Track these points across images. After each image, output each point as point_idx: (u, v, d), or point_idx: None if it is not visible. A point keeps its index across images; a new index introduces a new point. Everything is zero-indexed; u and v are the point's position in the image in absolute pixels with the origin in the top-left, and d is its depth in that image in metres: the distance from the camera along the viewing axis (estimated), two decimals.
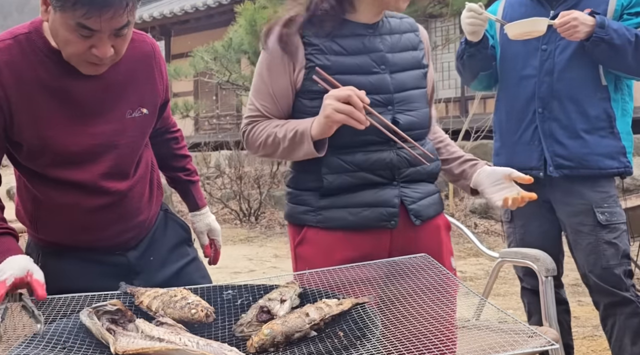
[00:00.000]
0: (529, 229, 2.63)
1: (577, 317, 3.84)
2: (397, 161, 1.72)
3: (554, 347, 1.98)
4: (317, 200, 1.72)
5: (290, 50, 1.69)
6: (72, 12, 1.39)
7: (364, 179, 1.70)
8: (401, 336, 1.21)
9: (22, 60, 1.53)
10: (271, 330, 1.31)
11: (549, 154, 2.51)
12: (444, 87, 10.80)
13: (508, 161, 2.59)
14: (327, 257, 1.70)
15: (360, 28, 1.73)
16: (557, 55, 2.49)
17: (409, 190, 1.74)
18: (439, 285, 1.46)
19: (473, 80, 2.75)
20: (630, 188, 6.56)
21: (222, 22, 11.10)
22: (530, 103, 2.54)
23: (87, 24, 1.41)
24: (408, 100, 1.75)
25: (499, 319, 2.36)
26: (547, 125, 2.51)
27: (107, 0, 1.38)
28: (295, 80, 1.71)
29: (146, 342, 1.25)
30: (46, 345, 1.29)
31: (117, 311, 1.38)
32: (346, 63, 1.69)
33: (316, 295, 1.50)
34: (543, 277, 2.32)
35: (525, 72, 2.55)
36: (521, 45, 2.52)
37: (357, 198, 1.70)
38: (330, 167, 1.69)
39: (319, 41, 1.69)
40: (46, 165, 1.62)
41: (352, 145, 1.69)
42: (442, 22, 9.88)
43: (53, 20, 1.45)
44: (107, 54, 1.48)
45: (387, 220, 1.71)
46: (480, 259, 5.74)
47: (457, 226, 2.79)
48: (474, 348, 1.25)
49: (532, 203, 2.56)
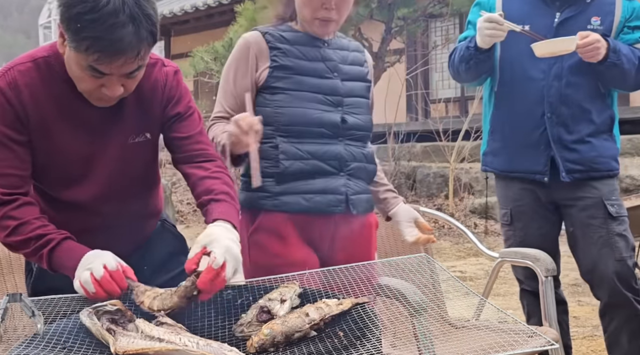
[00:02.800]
0: (528, 231, 2.62)
1: (576, 317, 3.84)
2: (344, 154, 1.96)
3: (553, 347, 1.99)
4: (274, 186, 1.91)
5: (256, 54, 1.95)
6: (84, 55, 1.44)
7: (316, 166, 1.92)
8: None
9: (40, 83, 1.58)
10: (271, 330, 1.31)
11: (560, 160, 2.49)
12: (444, 87, 10.79)
13: (509, 163, 2.60)
14: (282, 241, 1.90)
15: (317, 41, 2.01)
16: (566, 60, 2.46)
17: (352, 183, 1.98)
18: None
19: (474, 81, 2.73)
20: (630, 188, 6.56)
21: (222, 22, 11.09)
22: (538, 106, 2.50)
23: (98, 68, 1.46)
24: (355, 105, 2.01)
25: (499, 319, 2.36)
26: (556, 130, 2.49)
27: (119, 49, 1.42)
28: (258, 77, 1.95)
29: (146, 342, 1.25)
30: (46, 345, 1.29)
31: (117, 311, 1.38)
32: (305, 66, 1.96)
33: (316, 295, 1.50)
34: (543, 277, 2.32)
35: (531, 74, 2.51)
36: (524, 44, 2.47)
37: (310, 185, 1.92)
38: (286, 153, 1.90)
39: (282, 46, 1.96)
40: (50, 184, 1.68)
41: (306, 136, 1.93)
42: (442, 22, 9.87)
43: (68, 55, 1.51)
44: (117, 94, 1.53)
45: (335, 206, 1.93)
46: (480, 259, 5.74)
47: (457, 226, 2.79)
48: (474, 348, 1.25)
49: (532, 205, 2.59)
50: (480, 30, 2.42)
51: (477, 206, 7.36)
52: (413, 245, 2.14)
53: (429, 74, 10.64)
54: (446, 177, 7.64)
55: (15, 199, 1.56)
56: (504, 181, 2.67)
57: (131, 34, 1.41)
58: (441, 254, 6.03)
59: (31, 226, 1.55)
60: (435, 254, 3.90)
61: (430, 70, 10.60)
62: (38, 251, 1.54)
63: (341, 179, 1.95)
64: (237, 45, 2.00)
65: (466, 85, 2.83)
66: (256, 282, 1.61)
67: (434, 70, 10.76)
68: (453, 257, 6.01)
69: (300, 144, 1.92)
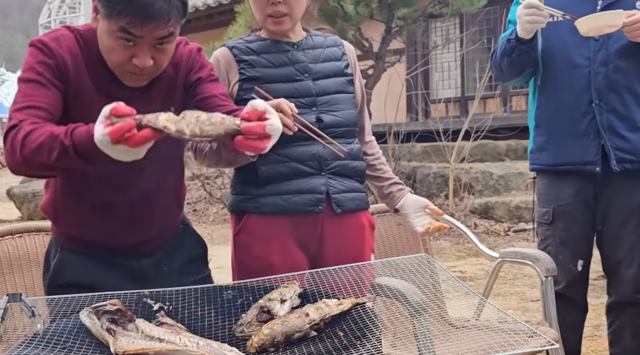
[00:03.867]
0: (570, 233, 2.51)
1: None
2: (323, 153, 1.95)
3: (553, 347, 1.99)
4: (255, 189, 1.95)
5: (226, 70, 1.98)
6: (116, 19, 1.49)
7: (295, 168, 1.94)
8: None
9: (79, 52, 1.61)
10: (271, 330, 1.31)
11: (610, 148, 2.39)
12: (444, 87, 10.79)
13: (557, 157, 2.49)
14: (264, 243, 1.93)
15: (285, 44, 2.01)
16: (611, 45, 2.37)
17: (335, 182, 1.97)
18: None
19: (517, 77, 2.58)
20: None
21: (222, 22, 11.08)
22: (584, 94, 2.41)
23: (130, 30, 1.50)
24: (331, 103, 2.00)
25: (499, 319, 2.36)
26: (605, 118, 2.39)
27: (150, 13, 1.47)
28: (232, 91, 1.96)
29: (146, 342, 1.26)
30: (46, 345, 1.29)
31: (117, 311, 1.38)
32: (274, 74, 1.96)
33: (316, 295, 1.50)
34: (543, 277, 2.31)
35: (575, 62, 2.42)
36: (568, 33, 2.39)
37: (288, 186, 1.93)
38: (264, 158, 1.88)
39: (249, 58, 1.98)
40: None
41: (282, 140, 1.88)
42: (442, 22, 9.87)
43: (100, 28, 1.56)
44: (147, 64, 1.55)
45: (314, 206, 1.94)
46: (480, 259, 5.74)
47: (457, 226, 2.78)
48: (474, 348, 1.26)
49: (577, 205, 2.46)
50: (520, 18, 2.33)
51: (477, 206, 7.35)
52: (414, 245, 2.13)
53: (429, 74, 10.65)
54: (446, 177, 7.63)
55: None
56: (549, 177, 2.55)
57: (162, 0, 1.48)
58: (441, 254, 6.03)
59: (50, 127, 1.47)
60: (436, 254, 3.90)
61: (431, 70, 10.61)
62: (59, 143, 1.42)
63: (322, 178, 1.96)
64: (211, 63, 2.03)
65: (510, 84, 2.70)
66: (256, 282, 1.61)
67: (434, 70, 10.77)
68: (453, 257, 6.01)
69: (277, 148, 1.89)
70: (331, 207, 1.95)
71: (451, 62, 10.59)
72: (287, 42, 2.02)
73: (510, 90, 10.00)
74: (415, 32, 8.16)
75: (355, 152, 2.03)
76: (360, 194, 2.05)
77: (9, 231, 2.12)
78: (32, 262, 2.10)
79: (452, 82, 10.77)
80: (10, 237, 2.10)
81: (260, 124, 1.36)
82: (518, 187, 7.69)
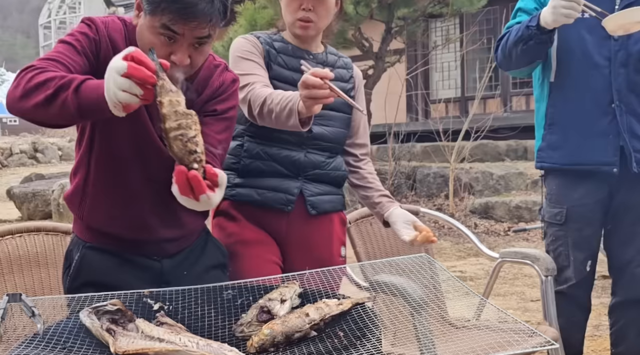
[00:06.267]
0: (583, 233, 2.48)
1: None
2: (303, 161, 2.09)
3: (553, 347, 1.99)
4: (234, 178, 2.10)
5: (253, 45, 2.09)
6: (160, 16, 1.54)
7: (274, 168, 2.07)
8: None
9: (122, 41, 1.64)
10: (271, 330, 1.31)
11: (631, 149, 2.37)
12: (444, 87, 10.80)
13: (573, 156, 2.45)
14: (237, 222, 2.09)
15: (302, 52, 2.12)
16: (632, 45, 2.36)
17: (311, 186, 2.11)
18: None
19: (525, 66, 2.51)
20: None
21: None
22: (604, 94, 2.38)
23: (172, 27, 1.54)
24: (325, 117, 2.10)
25: (499, 318, 2.36)
26: (625, 119, 2.38)
27: (193, 12, 1.52)
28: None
29: (146, 342, 1.26)
30: (46, 345, 1.29)
31: (117, 311, 1.38)
32: (285, 75, 2.08)
33: (316, 295, 1.50)
34: (543, 276, 2.32)
35: (594, 61, 2.39)
36: (586, 31, 2.38)
37: (265, 182, 2.08)
38: (249, 152, 2.08)
39: (269, 49, 2.10)
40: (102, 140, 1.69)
41: (270, 140, 2.07)
42: (442, 22, 9.87)
43: (142, 24, 1.60)
44: (184, 62, 1.57)
45: (284, 204, 2.08)
46: (480, 259, 5.74)
47: (457, 226, 2.78)
48: (474, 348, 1.26)
49: (592, 206, 2.43)
50: (555, 9, 2.22)
51: (478, 206, 7.36)
52: (412, 246, 2.12)
53: (429, 74, 10.65)
54: (446, 177, 7.64)
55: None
56: (562, 177, 2.50)
57: (205, 1, 1.53)
58: (441, 254, 6.03)
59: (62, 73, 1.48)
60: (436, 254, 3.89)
61: (431, 70, 10.61)
62: (62, 90, 1.42)
63: (297, 182, 2.09)
64: (242, 41, 2.10)
65: (513, 74, 2.60)
66: (256, 282, 1.61)
67: (434, 70, 10.77)
68: (453, 257, 6.01)
69: (263, 146, 2.07)
70: (305, 209, 2.09)
71: (451, 62, 10.59)
72: (306, 50, 2.13)
73: (510, 90, 10.01)
74: (415, 32, 8.17)
75: (339, 164, 2.17)
76: (337, 196, 2.19)
77: (9, 231, 2.12)
78: (32, 262, 2.11)
79: (452, 82, 10.78)
80: (10, 237, 2.11)
81: (199, 188, 1.40)
82: (518, 187, 7.70)
